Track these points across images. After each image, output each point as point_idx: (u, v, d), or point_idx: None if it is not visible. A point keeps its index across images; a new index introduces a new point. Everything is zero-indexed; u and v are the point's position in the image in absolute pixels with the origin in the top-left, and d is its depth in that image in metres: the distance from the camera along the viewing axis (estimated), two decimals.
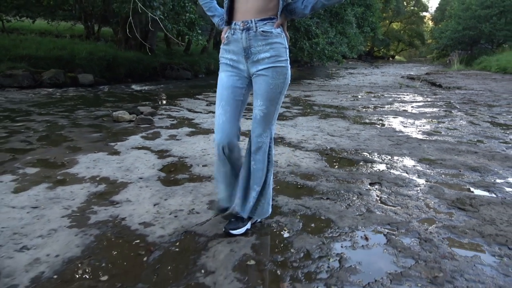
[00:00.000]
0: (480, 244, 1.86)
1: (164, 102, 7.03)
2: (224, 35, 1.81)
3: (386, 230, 1.98)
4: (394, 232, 1.96)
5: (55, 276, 1.55)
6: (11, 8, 9.90)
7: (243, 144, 2.14)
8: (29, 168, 2.95)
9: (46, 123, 4.69)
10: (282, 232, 1.95)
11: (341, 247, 1.81)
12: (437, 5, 46.25)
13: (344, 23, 10.54)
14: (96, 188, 2.54)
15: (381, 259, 1.71)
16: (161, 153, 3.41)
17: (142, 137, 4.04)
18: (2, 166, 2.98)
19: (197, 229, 1.96)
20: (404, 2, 47.24)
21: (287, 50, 1.78)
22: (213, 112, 5.74)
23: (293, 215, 2.15)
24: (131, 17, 5.31)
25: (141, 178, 2.74)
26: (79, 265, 1.63)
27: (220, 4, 1.92)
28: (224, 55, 1.85)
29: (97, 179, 2.72)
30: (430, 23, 52.68)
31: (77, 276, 1.55)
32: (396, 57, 55.39)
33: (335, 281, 1.54)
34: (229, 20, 1.78)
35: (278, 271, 1.61)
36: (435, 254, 1.75)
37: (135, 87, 10.09)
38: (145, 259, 1.69)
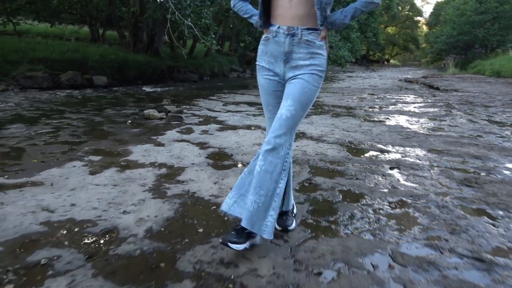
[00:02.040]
0: (486, 209, 2.33)
1: (182, 102, 7.47)
2: (264, 35, 1.85)
3: (410, 200, 2.46)
4: (417, 202, 2.43)
5: (162, 229, 2.00)
6: (30, 12, 10.30)
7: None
8: (91, 156, 3.39)
9: (83, 120, 5.11)
10: (327, 202, 2.42)
11: (377, 211, 2.28)
12: (432, 10, 47.11)
13: (348, 29, 11.08)
14: (160, 171, 2.99)
15: (410, 219, 2.18)
16: (201, 145, 3.87)
17: (177, 132, 4.49)
18: (67, 155, 3.42)
19: None
20: (399, 7, 48.07)
21: (326, 62, 1.81)
22: (232, 111, 6.21)
23: (332, 190, 2.62)
24: (169, 24, 5.75)
25: (193, 164, 3.20)
26: (177, 222, 2.09)
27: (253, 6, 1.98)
28: (262, 57, 1.86)
29: (156, 164, 3.17)
30: (425, 27, 53.59)
31: (179, 229, 2.01)
32: (391, 61, 56.25)
33: (378, 232, 2.00)
34: (267, 22, 1.82)
35: (332, 226, 2.07)
36: (451, 216, 2.22)
37: (147, 88, 10.51)
38: (226, 218, 2.14)
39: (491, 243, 1.90)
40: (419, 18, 54.23)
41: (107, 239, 1.89)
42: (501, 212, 2.29)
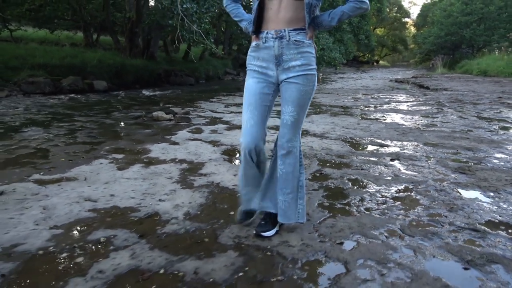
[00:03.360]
0: (479, 192, 2.65)
1: (185, 105, 7.72)
2: (254, 43, 1.90)
3: (411, 186, 2.76)
4: (418, 187, 2.74)
5: (198, 212, 2.28)
6: (29, 19, 10.49)
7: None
8: (114, 154, 3.64)
9: (94, 123, 5.35)
10: (338, 188, 2.71)
11: (383, 195, 2.58)
12: (419, 12, 47.94)
13: (342, 31, 11.46)
14: (182, 166, 3.25)
15: (413, 200, 2.48)
16: (214, 143, 4.14)
17: (188, 132, 4.76)
18: (91, 154, 3.67)
19: None
20: (387, 9, 48.82)
21: (315, 59, 1.88)
22: (234, 112, 6.49)
23: (341, 179, 2.91)
24: (179, 31, 6.01)
25: (211, 159, 3.47)
26: (210, 207, 2.36)
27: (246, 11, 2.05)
28: (253, 62, 1.91)
29: (177, 160, 3.44)
30: (412, 28, 54.47)
31: (213, 212, 2.28)
32: (380, 62, 56.98)
33: (387, 211, 2.30)
34: (258, 29, 1.86)
35: (346, 207, 2.36)
36: (449, 197, 2.53)
37: (146, 92, 10.71)
38: None
39: (484, 217, 2.21)
40: (406, 19, 55.21)
41: (152, 221, 2.16)
42: (491, 194, 2.60)
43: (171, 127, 5.05)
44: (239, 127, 5.10)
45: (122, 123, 5.34)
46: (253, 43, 1.90)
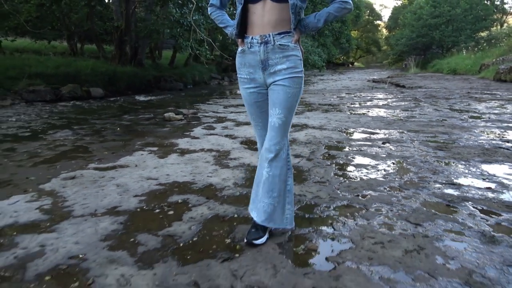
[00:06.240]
0: (454, 162, 3.41)
1: (185, 107, 8.31)
2: (240, 48, 1.94)
3: (402, 160, 3.50)
4: (408, 160, 3.48)
5: (244, 182, 2.93)
6: (26, 31, 10.85)
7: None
8: (149, 147, 4.24)
9: (113, 125, 5.89)
10: (346, 164, 3.42)
11: (382, 166, 3.30)
12: (390, 14, 49.81)
13: (325, 36, 12.32)
14: (212, 154, 3.89)
15: (405, 169, 3.21)
16: (230, 136, 4.79)
17: (202, 128, 5.39)
18: (128, 148, 4.25)
19: (298, 165, 3.38)
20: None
21: (302, 62, 1.88)
22: (235, 112, 7.14)
23: (346, 157, 3.62)
24: (191, 42, 6.62)
25: (234, 148, 4.12)
26: (252, 179, 3.01)
27: (231, 16, 2.04)
28: (241, 69, 1.95)
29: (205, 150, 4.07)
30: (384, 31, 56.46)
31: None
32: (355, 63, 58.69)
33: (386, 176, 3.02)
34: (242, 33, 1.88)
35: (356, 175, 3.07)
36: (432, 166, 3.27)
37: (140, 98, 11.20)
38: None
39: (458, 177, 2.96)
40: (379, 22, 57.26)
41: (210, 189, 2.80)
42: (463, 162, 3.37)
43: (185, 126, 5.67)
44: (247, 123, 5.79)
45: (139, 124, 5.91)
46: (239, 49, 1.93)
